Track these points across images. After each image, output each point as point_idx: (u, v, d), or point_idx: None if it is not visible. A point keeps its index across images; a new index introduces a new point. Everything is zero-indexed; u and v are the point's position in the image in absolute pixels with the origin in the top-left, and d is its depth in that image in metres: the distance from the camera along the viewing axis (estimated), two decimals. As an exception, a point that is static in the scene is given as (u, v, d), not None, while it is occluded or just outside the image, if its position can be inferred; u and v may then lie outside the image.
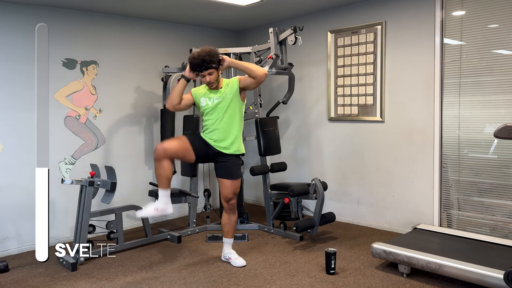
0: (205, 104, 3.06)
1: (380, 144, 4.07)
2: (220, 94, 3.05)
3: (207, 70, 2.93)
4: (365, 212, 4.24)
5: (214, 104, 3.04)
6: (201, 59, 2.90)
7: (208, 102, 3.06)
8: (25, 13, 3.67)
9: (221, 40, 5.16)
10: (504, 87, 3.28)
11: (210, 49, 2.93)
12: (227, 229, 3.24)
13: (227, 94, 3.05)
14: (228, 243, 3.28)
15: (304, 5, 4.19)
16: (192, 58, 2.94)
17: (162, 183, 3.00)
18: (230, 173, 3.11)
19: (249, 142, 4.87)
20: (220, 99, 3.04)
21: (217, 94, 3.05)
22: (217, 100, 3.04)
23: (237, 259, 3.24)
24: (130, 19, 4.36)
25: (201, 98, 3.08)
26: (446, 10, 3.54)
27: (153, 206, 3.02)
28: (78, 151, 4.04)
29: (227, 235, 3.26)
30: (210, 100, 3.05)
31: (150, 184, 4.11)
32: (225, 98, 3.04)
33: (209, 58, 2.90)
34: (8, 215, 3.65)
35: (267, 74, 3.04)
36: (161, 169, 2.96)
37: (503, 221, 3.35)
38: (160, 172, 2.97)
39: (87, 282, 2.99)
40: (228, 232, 3.25)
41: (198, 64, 2.91)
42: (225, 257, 3.29)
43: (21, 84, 3.66)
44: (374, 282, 2.86)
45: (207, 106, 3.06)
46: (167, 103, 3.05)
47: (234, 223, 3.26)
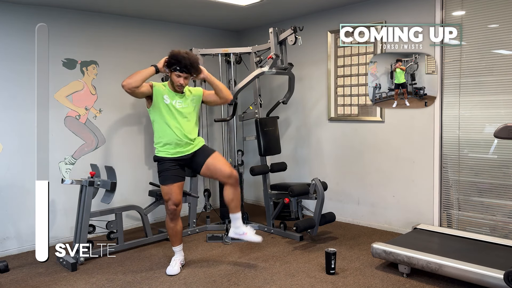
0: (169, 102, 3.02)
1: (380, 144, 4.07)
2: (184, 99, 3.07)
3: (186, 74, 2.94)
4: (365, 212, 4.24)
5: (176, 107, 3.03)
6: (190, 61, 2.91)
7: (172, 101, 3.03)
8: (25, 13, 3.67)
9: (221, 40, 5.16)
10: (504, 87, 3.28)
11: (196, 56, 3.01)
12: (235, 204, 3.11)
13: (192, 100, 3.11)
14: (239, 218, 3.13)
15: (304, 5, 4.19)
16: (181, 56, 2.90)
17: (178, 240, 3.19)
18: (207, 153, 3.12)
19: (249, 142, 4.87)
20: (183, 104, 3.06)
21: (181, 98, 3.06)
22: (179, 104, 3.05)
23: (254, 233, 3.15)
24: (130, 19, 4.37)
25: (164, 95, 3.02)
26: (446, 10, 3.54)
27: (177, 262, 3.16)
28: (78, 151, 4.04)
29: (235, 209, 3.12)
30: (173, 101, 3.03)
31: (150, 184, 4.11)
32: (189, 105, 3.09)
33: (196, 64, 2.95)
34: (8, 215, 3.65)
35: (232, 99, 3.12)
36: (178, 225, 3.14)
37: (503, 221, 3.35)
38: (178, 229, 3.15)
39: (87, 282, 2.99)
40: (237, 207, 3.13)
41: (185, 64, 2.90)
42: (239, 233, 3.14)
43: (21, 84, 3.66)
44: (374, 282, 2.86)
45: (170, 105, 3.01)
46: (126, 81, 2.85)
47: (240, 196, 3.16)
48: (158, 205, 3.95)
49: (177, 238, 3.17)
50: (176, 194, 3.05)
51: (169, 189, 3.04)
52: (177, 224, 3.13)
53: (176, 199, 3.05)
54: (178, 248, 3.20)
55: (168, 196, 3.05)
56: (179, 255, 3.20)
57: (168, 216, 3.11)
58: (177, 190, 3.06)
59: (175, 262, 3.15)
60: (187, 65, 2.90)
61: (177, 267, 3.12)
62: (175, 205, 3.06)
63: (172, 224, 3.11)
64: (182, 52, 2.93)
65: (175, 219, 3.10)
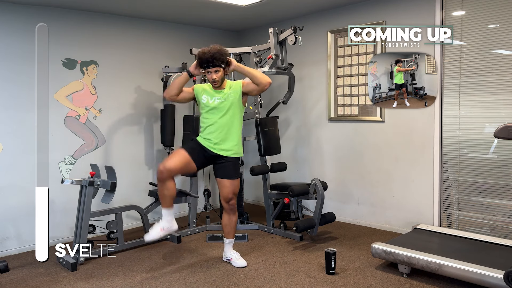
0: (206, 101, 3.05)
1: (380, 144, 4.07)
2: (222, 95, 3.04)
3: (214, 68, 2.94)
4: (365, 212, 4.24)
5: (215, 104, 3.03)
6: (211, 55, 2.90)
7: (209, 100, 3.04)
8: (25, 13, 3.67)
9: (221, 40, 5.15)
10: (504, 87, 3.28)
11: (220, 48, 2.95)
12: (228, 230, 3.23)
13: (230, 95, 3.05)
14: (229, 243, 3.27)
15: (304, 5, 4.19)
16: (202, 53, 2.93)
17: (166, 202, 3.01)
18: (229, 173, 3.09)
19: (249, 142, 4.87)
20: (222, 99, 3.03)
21: (220, 94, 3.04)
22: (218, 100, 3.03)
23: (238, 259, 3.23)
24: (130, 19, 4.36)
25: (203, 95, 3.07)
26: (446, 10, 3.54)
27: (159, 227, 3.02)
28: (78, 151, 4.04)
29: (228, 235, 3.25)
30: (212, 99, 3.04)
31: (150, 184, 4.11)
32: (227, 99, 3.04)
33: (219, 56, 2.92)
34: (8, 215, 3.65)
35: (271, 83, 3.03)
36: (165, 189, 2.96)
37: (503, 221, 3.35)
38: (164, 193, 2.97)
39: (87, 282, 2.99)
40: (229, 233, 3.24)
41: (207, 59, 2.91)
42: (226, 257, 3.28)
43: (21, 84, 3.66)
44: (374, 282, 2.86)
45: (207, 103, 3.05)
46: (165, 92, 3.10)
47: (235, 224, 3.25)
48: (158, 205, 3.94)
49: (165, 201, 2.99)
50: (174, 159, 2.95)
51: (176, 151, 3.05)
52: (163, 187, 2.94)
53: (169, 163, 2.91)
54: (165, 211, 3.01)
55: (170, 157, 3.04)
56: (165, 220, 3.01)
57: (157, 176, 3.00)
58: (182, 160, 2.96)
59: (156, 225, 3.02)
60: (209, 60, 2.91)
61: (155, 232, 2.99)
62: (164, 167, 2.89)
63: (159, 184, 2.96)
64: (204, 49, 2.95)
65: (161, 181, 2.93)
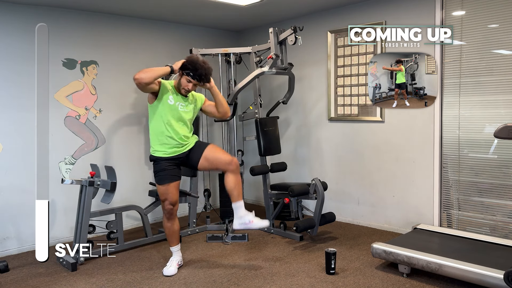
0: (173, 103, 3.02)
1: (380, 144, 4.07)
2: (186, 103, 3.09)
3: (199, 82, 2.96)
4: (365, 212, 4.24)
5: (179, 110, 3.04)
6: (206, 71, 2.93)
7: (176, 103, 3.03)
8: (25, 13, 3.67)
9: (221, 40, 5.16)
10: (504, 87, 3.28)
11: (211, 68, 3.01)
12: (238, 191, 3.02)
13: (193, 106, 3.14)
14: (242, 206, 3.03)
15: (304, 5, 4.19)
16: (199, 65, 2.92)
17: (176, 239, 3.19)
18: (202, 147, 3.11)
19: (249, 142, 4.87)
20: (184, 107, 3.07)
21: (184, 102, 3.07)
22: (182, 107, 3.06)
23: (260, 221, 3.03)
24: (130, 19, 4.36)
25: (170, 95, 3.02)
26: (446, 10, 3.54)
27: (175, 262, 3.16)
28: (78, 151, 4.04)
29: (238, 197, 3.02)
30: (177, 103, 3.04)
31: (150, 184, 4.11)
32: (190, 110, 3.11)
33: (209, 76, 2.99)
34: (8, 215, 3.65)
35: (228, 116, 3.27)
36: (176, 225, 3.15)
37: (503, 221, 3.35)
38: (175, 229, 3.15)
39: (87, 282, 2.99)
40: (239, 194, 3.04)
41: (200, 74, 2.92)
42: (245, 222, 3.01)
43: (21, 84, 3.66)
44: (374, 282, 2.86)
45: (173, 105, 3.01)
46: (138, 75, 2.78)
47: (241, 183, 3.11)
48: (158, 205, 3.94)
49: (174, 238, 3.17)
50: (172, 194, 3.05)
51: (165, 189, 3.03)
52: (174, 223, 3.13)
53: (173, 198, 3.05)
54: (175, 249, 3.19)
55: (164, 196, 3.05)
56: (177, 255, 3.19)
57: (165, 215, 3.11)
58: (174, 190, 3.05)
59: (172, 262, 3.15)
60: (201, 75, 2.92)
61: (174, 268, 3.11)
62: (172, 205, 3.06)
63: (169, 223, 3.11)
64: (200, 61, 2.95)
65: (171, 219, 3.10)
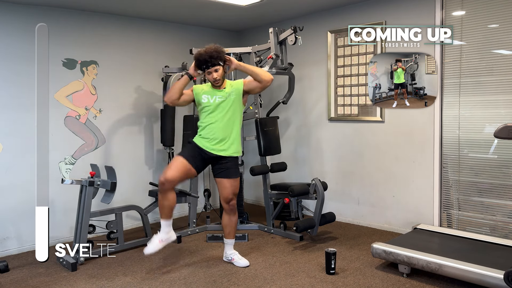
0: (207, 101, 3.02)
1: (380, 144, 4.07)
2: (223, 93, 3.03)
3: (214, 67, 2.93)
4: (365, 212, 4.24)
5: (216, 103, 3.01)
6: (208, 55, 2.90)
7: (210, 100, 3.02)
8: (25, 13, 3.67)
9: (221, 40, 5.16)
10: (504, 87, 3.28)
11: (216, 46, 2.95)
12: (228, 230, 3.22)
13: (231, 94, 3.04)
14: (230, 244, 3.26)
15: (304, 5, 4.19)
16: (199, 55, 2.93)
17: (165, 214, 3.02)
18: (229, 173, 3.08)
19: (249, 142, 4.87)
20: (223, 98, 3.02)
21: (221, 93, 3.03)
22: (219, 99, 3.01)
23: (240, 259, 3.23)
24: (130, 19, 4.36)
25: (203, 95, 3.04)
26: (446, 10, 3.54)
27: (157, 239, 3.03)
28: (78, 151, 4.04)
29: (228, 236, 3.24)
30: (213, 98, 3.02)
31: (150, 184, 4.11)
32: (229, 98, 3.02)
33: (216, 54, 2.92)
34: (8, 215, 3.65)
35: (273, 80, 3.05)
36: (166, 200, 2.97)
37: (503, 221, 3.35)
38: (164, 204, 2.98)
39: (87, 282, 2.99)
40: (230, 233, 3.23)
41: (205, 60, 2.90)
42: (228, 258, 3.27)
43: (21, 84, 3.66)
44: (374, 282, 2.86)
45: (208, 103, 3.02)
46: (166, 97, 3.04)
47: (235, 224, 3.24)
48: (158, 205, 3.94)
49: (164, 212, 3.00)
50: (175, 170, 2.92)
51: (175, 160, 3.00)
52: (164, 199, 2.95)
53: (170, 174, 2.90)
54: (163, 222, 3.02)
55: (169, 167, 2.99)
56: (163, 232, 3.03)
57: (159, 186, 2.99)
58: (180, 168, 2.94)
59: (154, 238, 3.03)
60: (207, 60, 2.90)
61: (154, 245, 3.00)
62: (165, 179, 2.89)
63: (159, 196, 2.98)
64: (200, 50, 2.95)
65: (162, 193, 2.94)
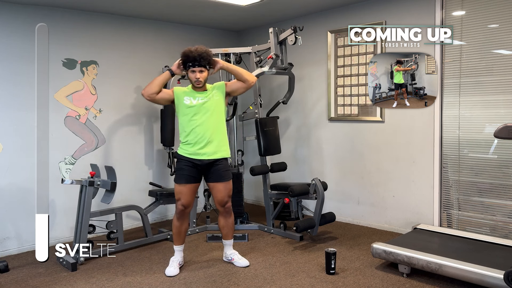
0: (189, 102, 2.98)
1: (380, 144, 4.07)
2: (206, 94, 3.02)
3: (200, 67, 2.92)
4: (365, 212, 4.24)
5: (200, 103, 2.98)
6: (198, 53, 2.89)
7: (193, 101, 2.99)
8: (25, 13, 3.67)
9: (221, 40, 5.16)
10: (504, 87, 3.28)
11: (206, 49, 2.95)
12: (226, 232, 3.23)
13: (214, 95, 3.03)
14: (228, 244, 3.27)
15: (304, 5, 4.19)
16: (189, 51, 2.91)
17: (181, 239, 3.19)
18: (222, 176, 3.07)
19: (249, 142, 4.87)
20: (206, 99, 3.00)
21: (203, 94, 3.01)
22: (202, 100, 2.99)
23: (240, 259, 3.23)
24: (130, 19, 4.36)
25: (185, 97, 3.00)
26: (446, 10, 3.54)
27: (176, 262, 3.15)
28: (78, 151, 4.04)
29: (226, 237, 3.25)
30: (196, 99, 2.99)
31: (150, 184, 4.11)
32: (211, 99, 3.01)
33: (206, 55, 2.92)
34: (8, 215, 3.65)
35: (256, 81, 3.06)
36: (184, 225, 3.16)
37: (503, 221, 3.35)
38: (182, 229, 3.16)
39: (87, 282, 2.99)
40: (227, 234, 3.24)
41: (194, 58, 2.89)
42: (228, 258, 3.27)
43: (21, 84, 3.66)
44: (374, 282, 2.86)
45: (191, 104, 2.98)
46: (144, 90, 2.95)
47: (232, 225, 3.25)
48: (158, 205, 3.95)
49: (180, 238, 3.17)
50: (186, 196, 3.04)
51: (180, 189, 3.04)
52: (183, 224, 3.13)
53: (186, 200, 3.04)
54: (179, 248, 3.19)
55: (178, 196, 3.05)
56: (178, 255, 3.19)
57: (176, 214, 3.10)
58: (189, 192, 3.05)
59: (173, 262, 3.14)
60: (196, 58, 2.89)
61: (175, 268, 3.11)
62: (184, 207, 3.05)
63: (178, 223, 3.11)
64: (190, 48, 2.93)
65: (181, 219, 3.11)
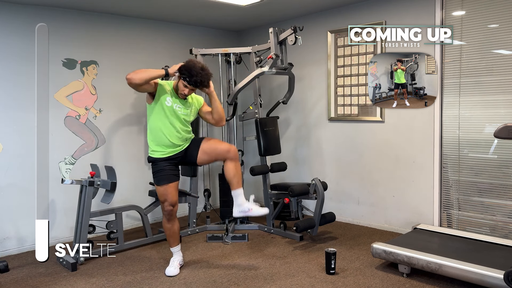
0: (170, 104, 2.98)
1: (380, 144, 4.07)
2: (184, 105, 3.04)
3: (195, 87, 2.92)
4: (365, 212, 4.24)
5: (177, 110, 3.00)
6: (201, 79, 2.87)
7: (173, 105, 2.99)
8: (25, 13, 3.67)
9: (221, 40, 5.16)
10: (504, 87, 3.28)
11: (210, 73, 2.95)
12: (237, 179, 3.06)
13: (192, 105, 3.10)
14: (241, 194, 3.08)
15: (304, 5, 4.19)
16: (194, 67, 2.86)
17: (176, 240, 3.18)
18: (198, 142, 3.12)
19: (249, 142, 4.87)
20: (183, 110, 3.03)
21: (182, 104, 3.03)
22: (179, 108, 3.01)
23: (259, 208, 3.09)
24: (130, 19, 4.36)
25: (168, 97, 2.98)
26: (446, 10, 3.54)
27: (176, 262, 3.15)
28: (78, 151, 4.04)
29: (237, 185, 3.07)
30: (175, 104, 2.99)
31: (150, 184, 4.11)
32: (188, 112, 3.06)
33: (206, 82, 2.93)
34: (8, 215, 3.65)
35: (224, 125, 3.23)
36: (175, 224, 3.13)
37: (503, 221, 3.35)
38: (174, 229, 3.13)
39: (87, 282, 2.99)
40: (238, 182, 3.08)
41: (195, 80, 2.86)
42: (245, 210, 3.07)
43: (21, 84, 3.66)
44: (374, 282, 2.86)
45: (171, 107, 2.97)
46: (130, 74, 2.76)
47: (240, 171, 3.14)
48: (158, 205, 3.94)
49: (175, 239, 3.17)
50: (171, 195, 3.04)
51: (164, 189, 3.03)
52: (174, 224, 3.12)
53: (172, 199, 3.04)
54: (176, 249, 3.18)
55: (164, 197, 3.04)
56: (178, 255, 3.19)
57: (164, 217, 3.10)
58: (173, 191, 3.04)
59: (173, 263, 3.14)
60: (197, 82, 2.87)
61: (176, 268, 3.11)
62: (171, 205, 3.05)
63: (169, 224, 3.10)
64: (197, 66, 2.87)
65: (171, 220, 3.10)
